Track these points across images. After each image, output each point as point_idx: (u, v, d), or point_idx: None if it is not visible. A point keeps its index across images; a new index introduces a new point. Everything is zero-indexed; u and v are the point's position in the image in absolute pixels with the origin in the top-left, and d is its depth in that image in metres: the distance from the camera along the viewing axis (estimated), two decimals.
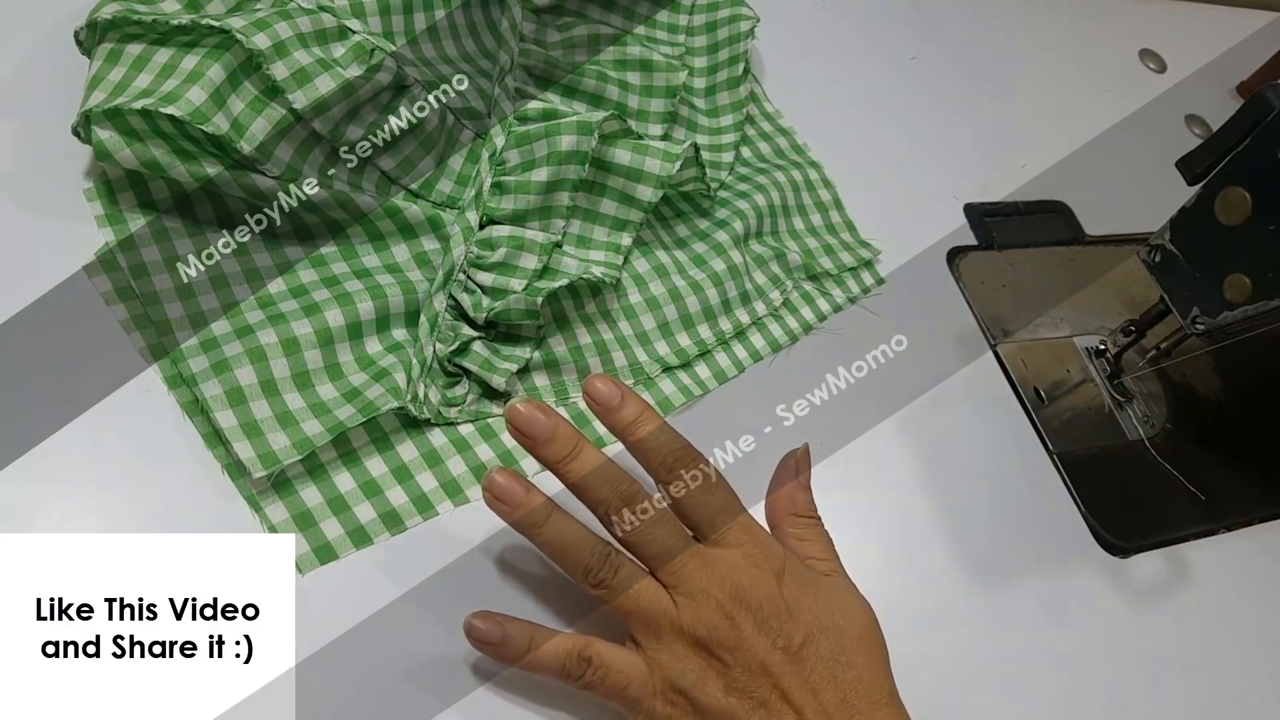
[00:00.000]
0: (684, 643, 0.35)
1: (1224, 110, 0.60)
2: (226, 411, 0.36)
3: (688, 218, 0.51)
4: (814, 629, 0.35)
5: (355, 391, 0.38)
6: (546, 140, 0.43)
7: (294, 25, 0.39)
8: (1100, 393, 0.55)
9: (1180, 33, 0.78)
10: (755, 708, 0.34)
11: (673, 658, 0.35)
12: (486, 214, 0.44)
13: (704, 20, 0.57)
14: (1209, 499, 0.52)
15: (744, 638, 0.34)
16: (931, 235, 0.57)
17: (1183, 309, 0.48)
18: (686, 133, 0.54)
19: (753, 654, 0.34)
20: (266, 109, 0.39)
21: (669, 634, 0.35)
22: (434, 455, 0.40)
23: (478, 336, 0.42)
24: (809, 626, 0.35)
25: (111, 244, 0.39)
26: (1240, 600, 0.49)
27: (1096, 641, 0.45)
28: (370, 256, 0.43)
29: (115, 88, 0.38)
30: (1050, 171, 0.63)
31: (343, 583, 0.36)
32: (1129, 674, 0.45)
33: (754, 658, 0.34)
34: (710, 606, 0.35)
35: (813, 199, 0.55)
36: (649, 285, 0.47)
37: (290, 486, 0.37)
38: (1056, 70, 0.71)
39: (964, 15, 0.71)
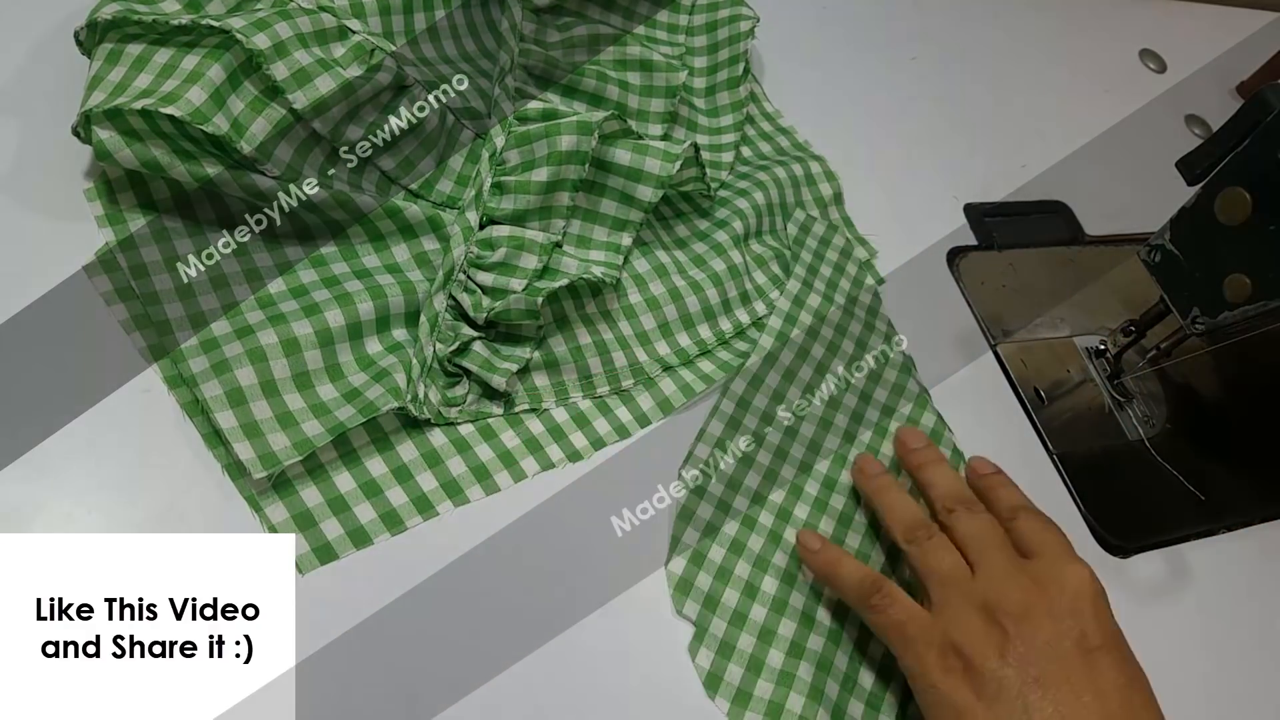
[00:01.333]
0: (973, 605, 0.37)
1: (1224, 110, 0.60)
2: (227, 412, 0.36)
3: (688, 218, 0.51)
4: (1113, 646, 0.36)
5: (355, 392, 0.38)
6: (546, 140, 0.43)
7: (294, 25, 0.39)
8: (1100, 393, 0.55)
9: (1180, 33, 0.78)
10: (1029, 683, 0.35)
11: (958, 614, 0.37)
12: (486, 214, 0.44)
13: (704, 20, 0.57)
14: (1209, 499, 0.52)
15: (1033, 612, 0.36)
16: (931, 235, 0.57)
17: (1183, 309, 0.48)
18: (686, 133, 0.54)
19: (1038, 630, 0.36)
20: (266, 109, 0.39)
21: (960, 595, 0.37)
22: (434, 455, 0.40)
23: (478, 336, 0.42)
24: (1112, 641, 0.36)
25: (111, 244, 0.39)
26: (1240, 600, 0.49)
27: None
28: (370, 256, 0.43)
29: (115, 88, 0.38)
30: (1050, 171, 0.63)
31: (343, 583, 0.36)
32: None
33: (1038, 633, 0.36)
34: (1008, 581, 0.37)
35: (812, 194, 0.55)
36: (649, 285, 0.47)
37: (290, 486, 0.37)
38: (1056, 70, 0.71)
39: (964, 15, 0.71)
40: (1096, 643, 0.36)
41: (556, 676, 0.37)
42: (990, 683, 0.35)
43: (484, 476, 0.40)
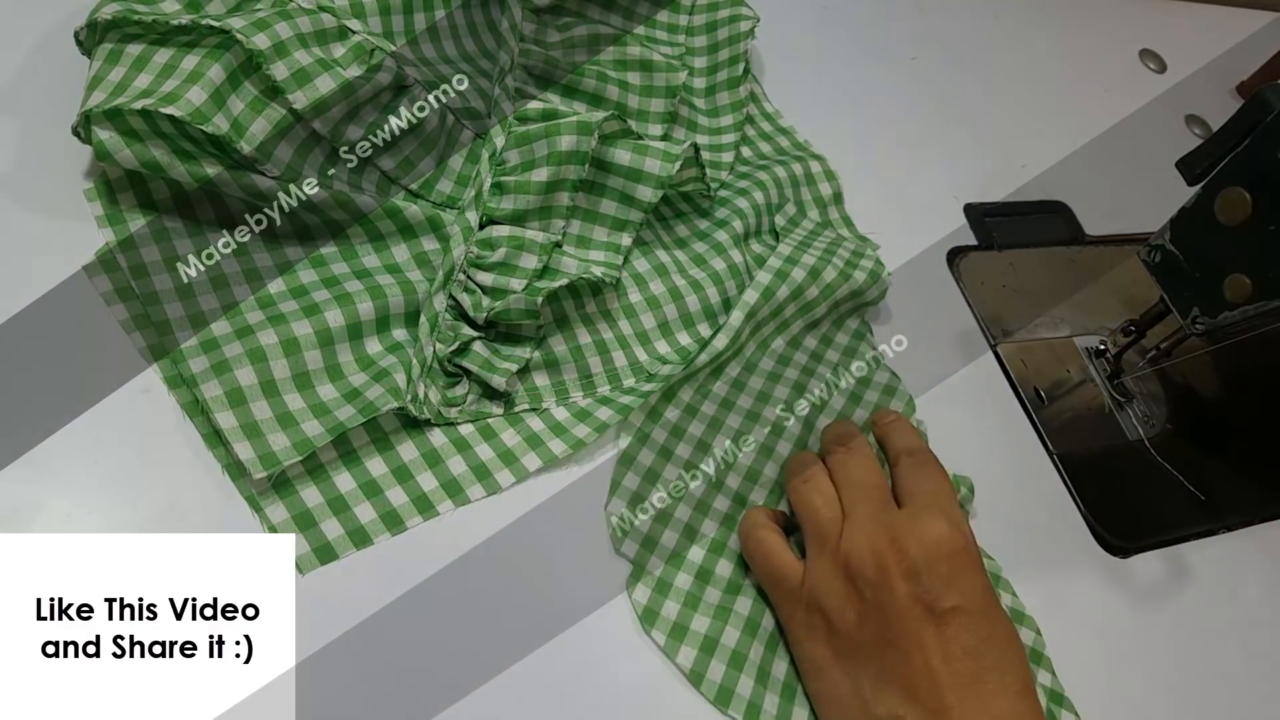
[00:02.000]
0: (836, 566, 0.37)
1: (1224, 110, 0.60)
2: (227, 412, 0.36)
3: (688, 218, 0.51)
4: (971, 606, 0.36)
5: (355, 392, 0.38)
6: (546, 140, 0.43)
7: (294, 25, 0.39)
8: (1100, 393, 0.55)
9: (1180, 33, 0.78)
10: (883, 646, 0.36)
11: (822, 575, 0.38)
12: (486, 214, 0.44)
13: (704, 20, 0.57)
14: (1209, 499, 0.52)
15: (888, 578, 0.36)
16: (931, 235, 0.57)
17: (1183, 309, 0.48)
18: (686, 133, 0.54)
19: (892, 596, 0.36)
20: (266, 109, 0.39)
21: (827, 553, 0.38)
22: (434, 455, 0.40)
23: (478, 336, 0.42)
24: (967, 600, 0.36)
25: (111, 244, 0.39)
26: (1240, 600, 0.49)
27: (1096, 641, 0.45)
28: (370, 257, 0.43)
29: (115, 88, 0.38)
30: (1050, 171, 0.63)
31: (343, 583, 0.36)
32: (1129, 673, 0.45)
33: (892, 600, 0.36)
34: (866, 542, 0.37)
35: (812, 194, 0.55)
36: (649, 284, 0.47)
37: (290, 486, 0.37)
38: (1056, 70, 0.71)
39: (964, 15, 0.71)
40: (948, 604, 0.36)
41: (556, 676, 0.37)
42: (846, 644, 0.37)
43: (484, 475, 0.40)
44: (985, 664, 0.35)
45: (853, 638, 0.36)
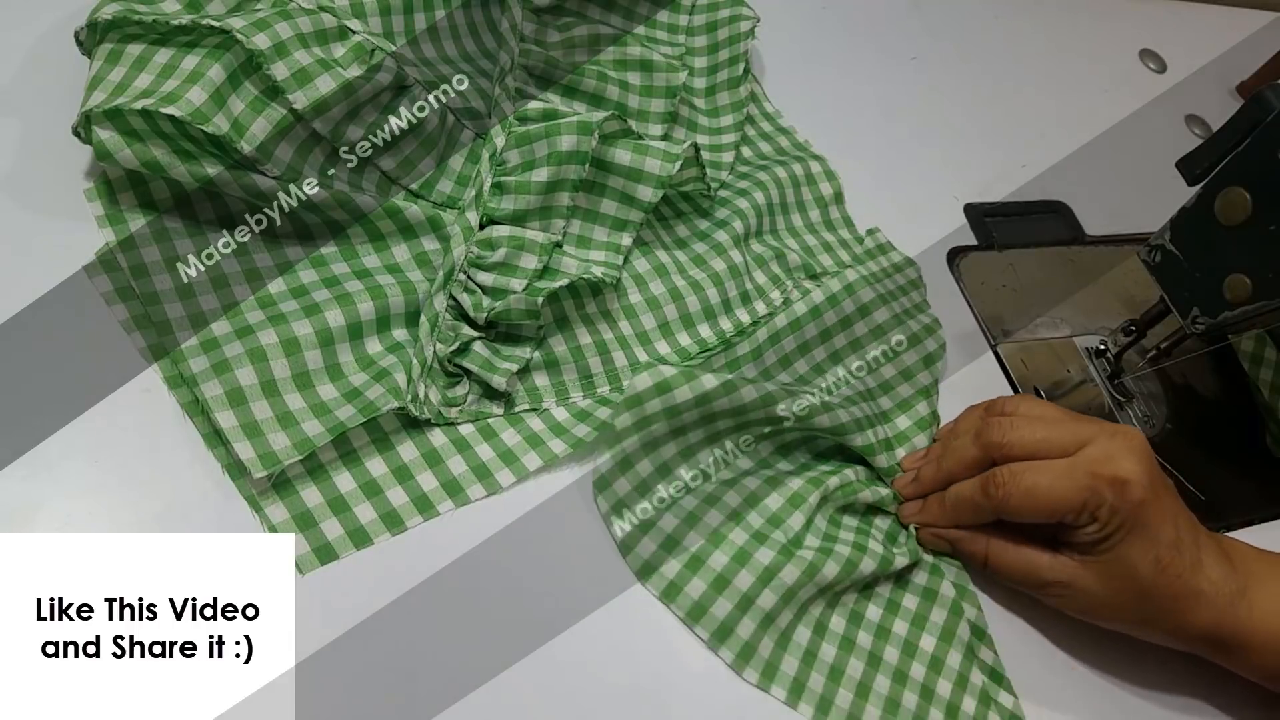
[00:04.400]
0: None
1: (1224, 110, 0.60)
2: (227, 412, 0.36)
3: (688, 218, 0.51)
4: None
5: (355, 392, 0.38)
6: (547, 140, 0.43)
7: (294, 25, 0.39)
8: (1100, 393, 0.55)
9: (1180, 33, 0.78)
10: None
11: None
12: (487, 214, 0.44)
13: (704, 20, 0.57)
14: (1209, 499, 0.52)
15: None
16: (931, 235, 0.57)
17: (1183, 309, 0.48)
18: (686, 133, 0.54)
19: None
20: (267, 109, 0.39)
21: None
22: (434, 455, 0.40)
23: (478, 336, 0.42)
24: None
25: (111, 244, 0.39)
26: None
27: (1097, 641, 0.45)
28: (370, 257, 0.43)
29: (115, 88, 0.38)
30: (1050, 171, 0.63)
31: (343, 583, 0.36)
32: (1129, 673, 0.45)
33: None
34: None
35: (812, 194, 0.55)
36: (649, 285, 0.47)
37: (290, 487, 0.37)
38: (1056, 70, 0.71)
39: (964, 15, 0.71)
40: None
41: (557, 676, 0.37)
42: None
43: (485, 475, 0.40)
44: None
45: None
